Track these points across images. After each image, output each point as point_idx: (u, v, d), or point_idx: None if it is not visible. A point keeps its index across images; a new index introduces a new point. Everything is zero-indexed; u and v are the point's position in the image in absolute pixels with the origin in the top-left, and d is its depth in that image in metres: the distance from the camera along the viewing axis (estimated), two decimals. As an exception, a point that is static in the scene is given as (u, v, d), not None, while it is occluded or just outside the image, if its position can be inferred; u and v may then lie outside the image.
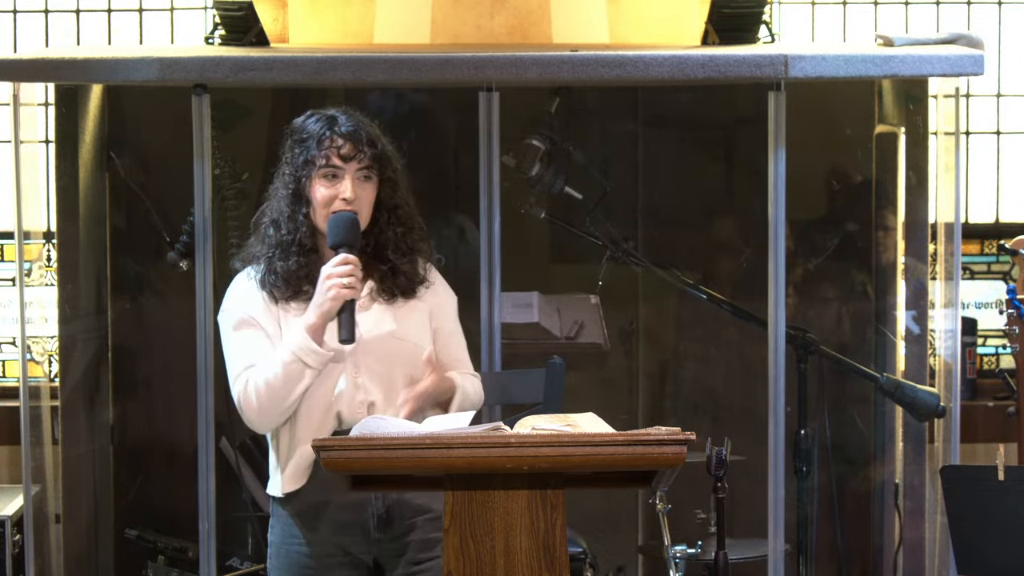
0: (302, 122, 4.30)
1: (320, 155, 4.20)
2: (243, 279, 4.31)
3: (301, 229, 4.22)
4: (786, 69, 5.19)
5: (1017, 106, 6.64)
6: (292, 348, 4.15)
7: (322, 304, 4.14)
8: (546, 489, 3.75)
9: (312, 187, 4.22)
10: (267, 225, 4.27)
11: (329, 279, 4.13)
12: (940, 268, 5.76)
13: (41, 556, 5.68)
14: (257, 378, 4.17)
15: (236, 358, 4.23)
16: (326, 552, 4.26)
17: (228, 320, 4.26)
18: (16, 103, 5.42)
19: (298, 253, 4.22)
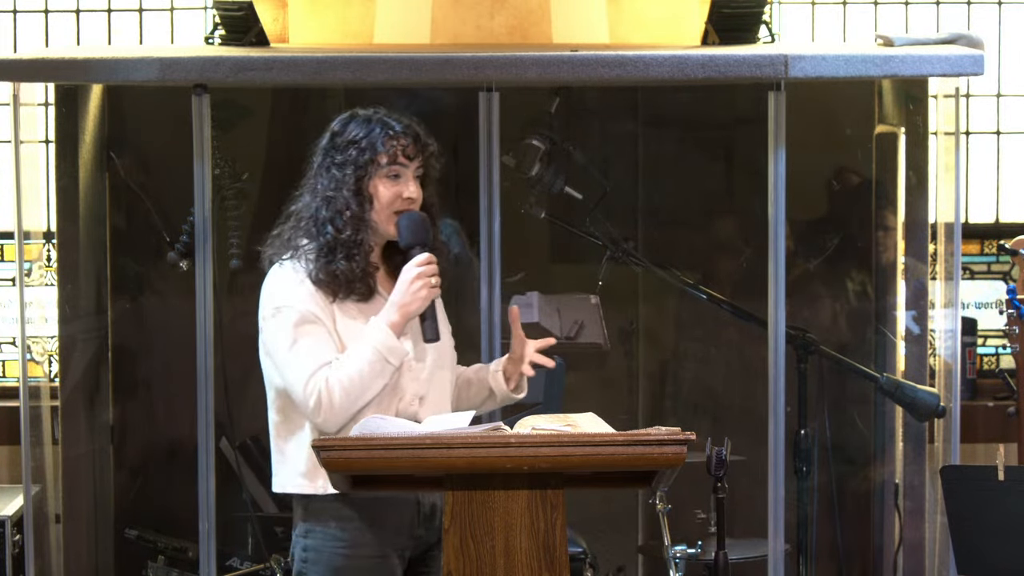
0: (349, 122, 4.24)
1: (385, 154, 4.19)
2: (289, 274, 4.19)
3: (366, 229, 4.20)
4: (786, 69, 5.19)
5: (1017, 106, 6.65)
6: (376, 346, 4.11)
7: (409, 303, 4.13)
8: (546, 489, 3.75)
9: (375, 186, 4.20)
10: (322, 222, 4.18)
11: (419, 279, 4.13)
12: (940, 268, 5.76)
13: (41, 556, 5.68)
14: (338, 376, 4.08)
15: (306, 356, 4.11)
16: (374, 553, 4.19)
17: (288, 317, 4.13)
18: (16, 103, 5.42)
19: (359, 253, 4.18)
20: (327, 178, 4.21)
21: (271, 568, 5.51)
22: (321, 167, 4.24)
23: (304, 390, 4.08)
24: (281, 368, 4.14)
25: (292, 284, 4.16)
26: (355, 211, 4.17)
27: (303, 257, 4.19)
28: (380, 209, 4.20)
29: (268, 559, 5.54)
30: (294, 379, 4.10)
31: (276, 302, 4.15)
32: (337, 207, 4.18)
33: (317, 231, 4.19)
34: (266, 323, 4.16)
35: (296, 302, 4.14)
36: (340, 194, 4.18)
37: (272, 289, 4.20)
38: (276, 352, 4.15)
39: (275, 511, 5.94)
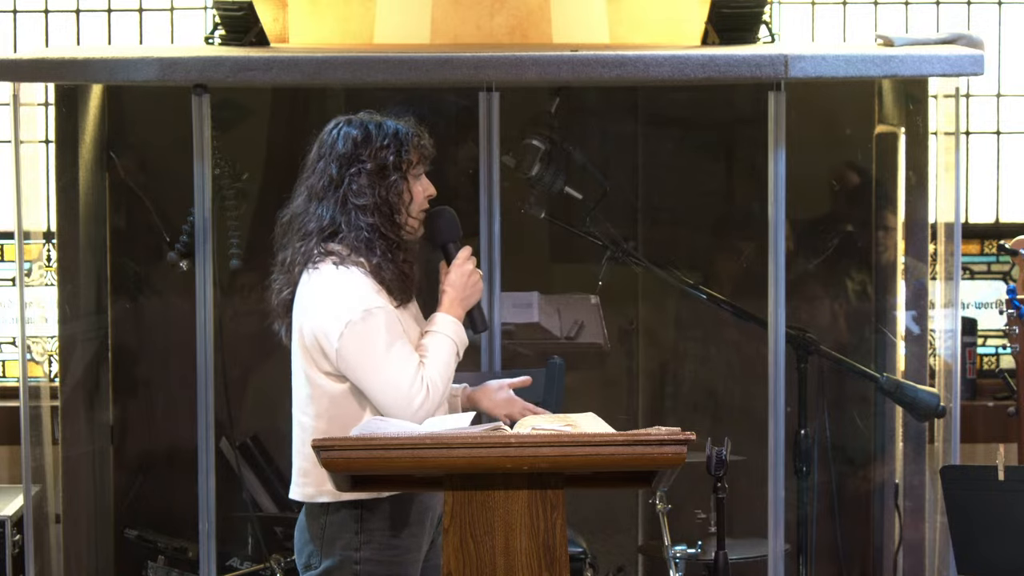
0: (366, 127, 4.21)
1: (417, 154, 4.21)
2: (361, 277, 4.13)
3: (411, 230, 4.22)
4: (786, 69, 5.19)
5: (1017, 106, 6.65)
6: (454, 339, 4.18)
7: (468, 297, 4.23)
8: (546, 489, 3.75)
9: (410, 187, 4.21)
10: (371, 227, 4.15)
11: (474, 274, 4.24)
12: (940, 268, 5.76)
13: (41, 556, 5.68)
14: (435, 371, 4.11)
15: (406, 356, 4.09)
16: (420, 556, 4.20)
17: (380, 320, 4.08)
18: (16, 103, 5.42)
19: (412, 255, 4.21)
20: (364, 184, 4.17)
21: (271, 568, 5.51)
22: (348, 175, 4.18)
23: (410, 389, 4.06)
24: (377, 370, 4.08)
25: (369, 288, 4.13)
26: (403, 213, 4.19)
27: (358, 263, 4.15)
28: (414, 209, 4.22)
29: (268, 559, 5.54)
30: (398, 379, 4.07)
31: (363, 305, 4.08)
32: (384, 212, 4.16)
33: (370, 237, 4.15)
34: (352, 328, 4.07)
35: (382, 303, 4.12)
36: (387, 198, 4.17)
37: (348, 293, 4.12)
38: (370, 355, 4.08)
39: (275, 511, 5.94)
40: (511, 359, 5.70)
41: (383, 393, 4.08)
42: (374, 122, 4.22)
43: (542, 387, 5.52)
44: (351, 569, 4.11)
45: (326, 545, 4.14)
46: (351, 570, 4.11)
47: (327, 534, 4.13)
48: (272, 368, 6.17)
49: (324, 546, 4.14)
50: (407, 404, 4.06)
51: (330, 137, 4.22)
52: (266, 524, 5.83)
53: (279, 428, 6.13)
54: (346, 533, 4.12)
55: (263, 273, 6.14)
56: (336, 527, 4.12)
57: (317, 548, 4.14)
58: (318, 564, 4.14)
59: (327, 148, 4.21)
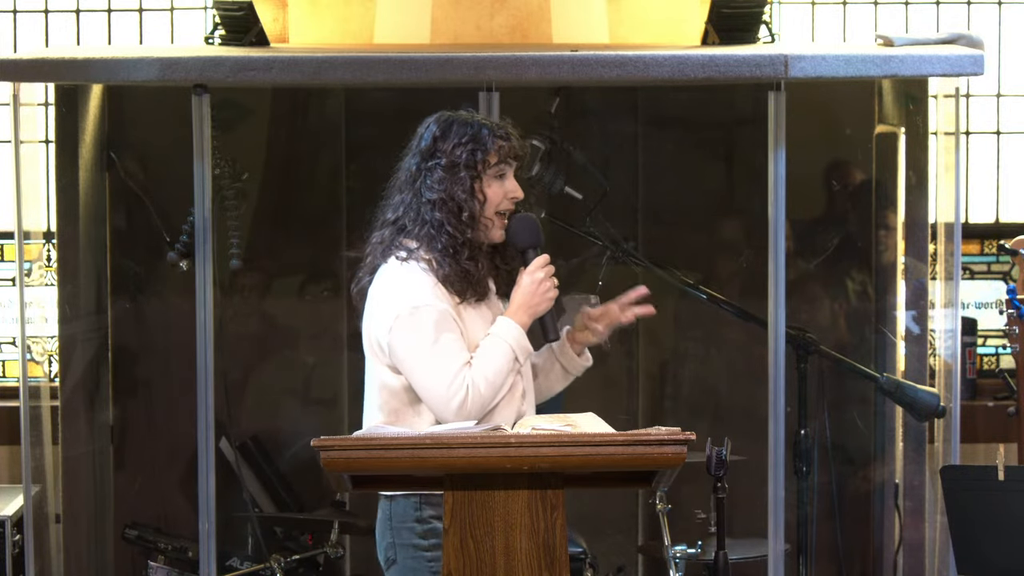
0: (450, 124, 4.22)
1: (495, 154, 4.20)
2: (418, 273, 4.15)
3: (480, 229, 4.21)
4: (786, 69, 5.19)
5: (1017, 106, 6.65)
6: (512, 344, 4.15)
7: (538, 304, 4.20)
8: (546, 489, 3.75)
9: (485, 186, 4.20)
10: (437, 224, 4.16)
11: (547, 280, 4.21)
12: (940, 268, 5.76)
13: (41, 556, 5.68)
14: (482, 373, 4.10)
15: (450, 354, 4.09)
16: None
17: (428, 316, 4.09)
18: (16, 103, 5.42)
19: (480, 253, 4.20)
20: (435, 179, 4.18)
21: (271, 568, 5.51)
22: (424, 169, 4.20)
23: (449, 388, 4.06)
24: (420, 366, 4.10)
25: (424, 283, 4.13)
26: (472, 211, 4.18)
27: (423, 259, 4.16)
28: (488, 208, 4.21)
29: (268, 559, 5.54)
30: (438, 377, 4.08)
31: (413, 301, 4.10)
32: (451, 208, 4.17)
33: (434, 233, 4.16)
34: (400, 322, 4.10)
35: (433, 300, 4.11)
36: (454, 195, 4.17)
37: (402, 288, 4.14)
38: (415, 350, 4.10)
39: (275, 511, 5.94)
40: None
41: (424, 390, 4.10)
42: (460, 119, 4.23)
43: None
44: (423, 557, 4.15)
45: (396, 537, 4.18)
46: (423, 558, 4.15)
47: (394, 526, 4.18)
48: (272, 368, 6.18)
49: (395, 538, 4.18)
50: (446, 403, 4.07)
51: (419, 132, 4.27)
52: (266, 524, 5.83)
53: (279, 428, 6.14)
54: (410, 523, 4.16)
55: (263, 273, 6.19)
56: (400, 519, 4.16)
57: (392, 541, 4.18)
58: (394, 556, 4.18)
59: (414, 142, 4.26)
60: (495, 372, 4.12)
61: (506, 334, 4.17)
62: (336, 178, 6.17)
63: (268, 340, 6.19)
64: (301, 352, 6.19)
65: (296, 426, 6.11)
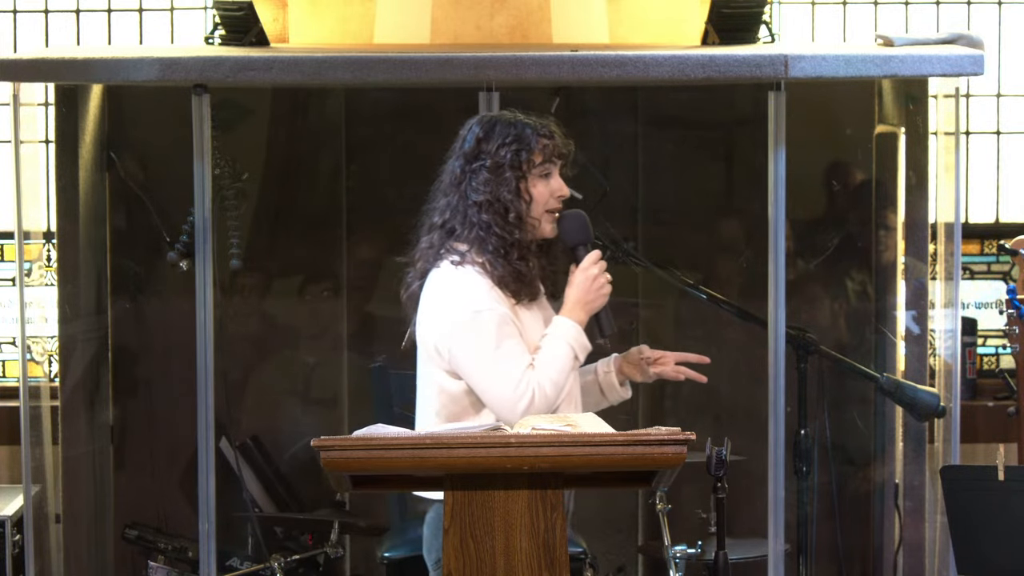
0: (493, 125, 4.22)
1: (539, 153, 4.20)
2: (475, 277, 4.14)
3: (528, 229, 4.21)
4: (786, 69, 5.19)
5: (1017, 106, 6.65)
6: (571, 343, 4.16)
7: (593, 300, 4.21)
8: (546, 489, 3.75)
9: (531, 186, 4.20)
10: (484, 225, 4.16)
11: (599, 277, 4.22)
12: (940, 268, 5.76)
13: (41, 556, 5.68)
14: (546, 374, 4.10)
15: (514, 357, 4.09)
16: None
17: (490, 319, 4.09)
18: (16, 103, 5.42)
19: (530, 253, 4.20)
20: (481, 181, 4.18)
21: (271, 568, 5.51)
22: (469, 171, 4.20)
23: (515, 391, 4.06)
24: (483, 371, 4.09)
25: (481, 287, 4.13)
26: (519, 212, 4.17)
27: (476, 261, 4.15)
28: (535, 208, 4.20)
29: (268, 559, 5.54)
30: (503, 381, 4.07)
31: (473, 305, 4.10)
32: (498, 209, 4.16)
33: (483, 235, 4.15)
34: (461, 327, 4.09)
35: (494, 304, 4.11)
36: (500, 196, 4.17)
37: (460, 292, 4.13)
38: (478, 355, 4.09)
39: (275, 511, 5.94)
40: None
41: (489, 394, 4.09)
42: (503, 120, 4.23)
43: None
44: None
45: None
46: None
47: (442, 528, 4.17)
48: (272, 368, 6.18)
49: None
50: (512, 407, 4.06)
51: (462, 134, 4.26)
52: (266, 524, 5.83)
53: (279, 428, 6.14)
54: None
55: (263, 273, 6.19)
56: None
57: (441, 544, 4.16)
58: None
59: (457, 145, 4.26)
60: (558, 372, 4.12)
61: (565, 333, 4.17)
62: (336, 178, 6.17)
63: (268, 340, 6.19)
64: (301, 352, 6.19)
65: (296, 426, 6.11)
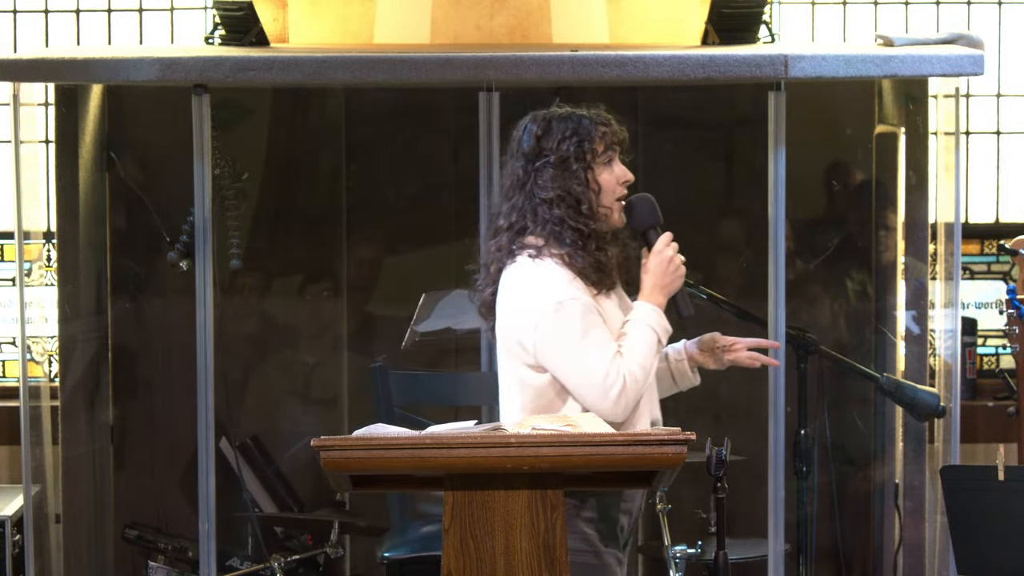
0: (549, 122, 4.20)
1: (601, 142, 4.20)
2: (554, 268, 4.12)
3: (603, 219, 4.20)
4: (786, 69, 5.19)
5: (1017, 106, 6.64)
6: (655, 328, 4.15)
7: (670, 283, 4.23)
8: (546, 489, 3.75)
9: (598, 175, 4.20)
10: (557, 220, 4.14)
11: (674, 260, 4.25)
12: (940, 268, 5.76)
13: (41, 556, 5.68)
14: (636, 361, 4.08)
15: (601, 346, 4.07)
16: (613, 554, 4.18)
17: (574, 309, 4.07)
18: (16, 103, 5.42)
19: (605, 242, 4.19)
20: (548, 178, 4.16)
21: (271, 568, 5.51)
22: (532, 171, 4.18)
23: (606, 379, 4.04)
24: (572, 361, 4.07)
25: (562, 278, 4.11)
26: (591, 202, 4.17)
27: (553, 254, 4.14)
28: (605, 197, 4.21)
29: (268, 559, 5.54)
30: (592, 370, 4.05)
31: (556, 296, 4.08)
32: (570, 203, 4.15)
33: (558, 229, 4.14)
34: (546, 319, 4.07)
35: (577, 293, 4.09)
36: (570, 189, 4.16)
37: (542, 284, 4.11)
38: (565, 346, 4.07)
39: (275, 511, 5.94)
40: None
41: (579, 385, 4.07)
42: (557, 115, 4.21)
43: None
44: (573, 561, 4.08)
45: None
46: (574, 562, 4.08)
47: None
48: (272, 368, 6.18)
49: None
50: (603, 395, 4.05)
51: (517, 134, 4.25)
52: (266, 524, 5.83)
53: (279, 428, 6.14)
54: None
55: (263, 273, 6.19)
56: None
57: None
58: None
59: (514, 146, 4.24)
60: (645, 356, 4.11)
61: (647, 317, 4.16)
62: (336, 178, 6.17)
63: (268, 340, 6.19)
64: (301, 352, 6.19)
65: (296, 426, 6.11)
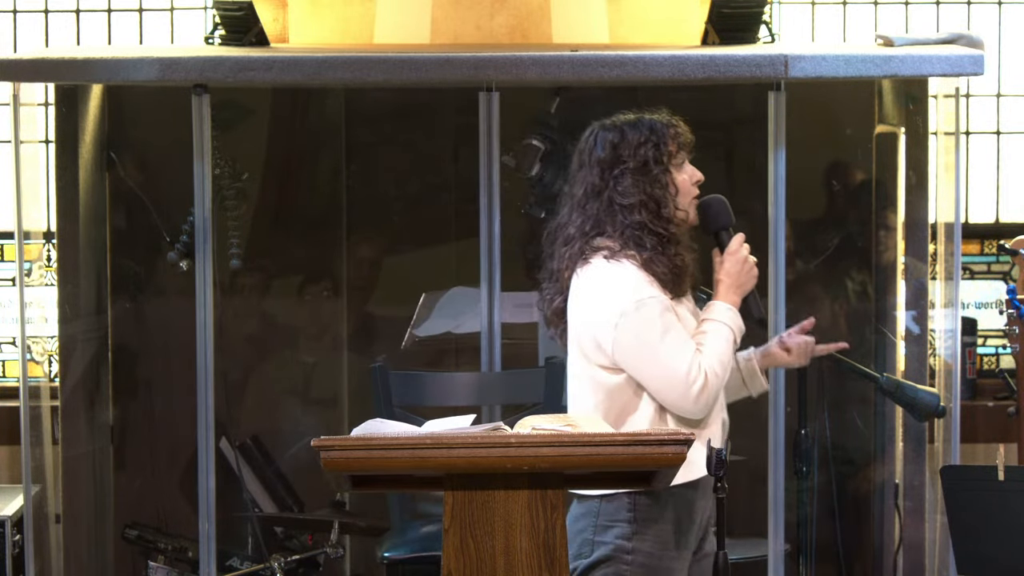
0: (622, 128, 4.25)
1: (675, 145, 4.24)
2: (633, 269, 4.14)
3: (683, 221, 4.24)
4: (786, 69, 5.19)
5: (1017, 106, 6.64)
6: (732, 327, 4.20)
7: (745, 284, 4.27)
8: (546, 489, 3.75)
9: (674, 178, 4.23)
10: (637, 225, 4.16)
11: (748, 260, 4.29)
12: (940, 268, 5.75)
13: (41, 556, 5.68)
14: (711, 359, 4.12)
15: (681, 344, 4.10)
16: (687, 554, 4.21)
17: (654, 308, 4.10)
18: (16, 103, 5.42)
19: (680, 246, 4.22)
20: (628, 184, 4.19)
21: (271, 568, 5.51)
22: (610, 178, 4.20)
23: (688, 376, 4.08)
24: (653, 358, 4.10)
25: (641, 278, 4.14)
26: (671, 205, 4.21)
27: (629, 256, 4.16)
28: (683, 198, 4.24)
29: (268, 559, 5.54)
30: (674, 367, 4.08)
31: (636, 295, 4.11)
32: (651, 207, 4.18)
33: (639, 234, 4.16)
34: (627, 318, 4.09)
35: (655, 291, 4.13)
36: (652, 194, 4.18)
37: (620, 283, 4.13)
38: (646, 344, 4.10)
39: (275, 511, 5.94)
40: (511, 359, 5.69)
41: (661, 383, 4.10)
42: (628, 121, 4.26)
43: (542, 387, 5.52)
44: (622, 560, 4.14)
45: (599, 534, 4.15)
46: (622, 560, 4.14)
47: (600, 523, 4.15)
48: (272, 368, 6.18)
49: (597, 535, 4.15)
50: (685, 392, 4.08)
51: (587, 144, 4.28)
52: (266, 524, 5.83)
53: (279, 428, 6.14)
54: (619, 523, 4.14)
55: (263, 273, 6.19)
56: (609, 516, 4.15)
57: (589, 537, 4.16)
58: (589, 553, 4.16)
59: (586, 155, 4.26)
60: (724, 353, 4.16)
61: (723, 316, 4.20)
62: (336, 178, 6.17)
63: (268, 340, 6.18)
64: (301, 352, 6.19)
65: (296, 426, 6.11)
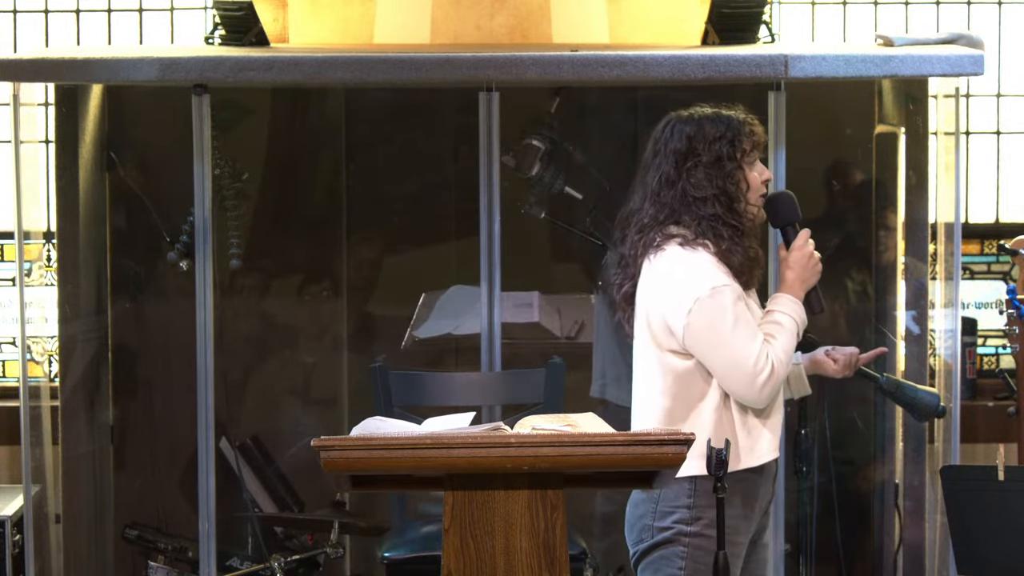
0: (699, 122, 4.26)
1: (749, 142, 4.25)
2: (707, 256, 4.18)
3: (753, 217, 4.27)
4: (786, 69, 5.19)
5: (1017, 106, 6.64)
6: (797, 319, 4.24)
7: (809, 279, 4.30)
8: (546, 489, 3.75)
9: (746, 175, 4.25)
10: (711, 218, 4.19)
11: (813, 256, 4.31)
12: (940, 268, 5.76)
13: (41, 556, 5.68)
14: (778, 349, 4.16)
15: (751, 332, 4.14)
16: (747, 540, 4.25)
17: (727, 296, 4.13)
18: (16, 103, 5.42)
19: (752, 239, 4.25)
20: (702, 177, 4.22)
21: (271, 568, 5.51)
22: (684, 170, 4.22)
23: (756, 364, 4.11)
24: (724, 345, 4.13)
25: (715, 266, 4.17)
26: (743, 200, 4.23)
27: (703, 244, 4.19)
28: (753, 195, 4.27)
29: (268, 559, 5.54)
30: (743, 355, 4.12)
31: (711, 281, 4.14)
32: (723, 201, 4.21)
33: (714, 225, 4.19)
34: (701, 303, 4.13)
35: (729, 280, 4.17)
36: (725, 188, 4.21)
37: (696, 270, 4.17)
38: (718, 330, 4.13)
39: (275, 511, 5.94)
40: (511, 359, 5.70)
41: (729, 370, 4.14)
42: (705, 115, 4.27)
43: (542, 387, 5.52)
44: (681, 543, 4.18)
45: (659, 519, 4.19)
46: (681, 543, 4.18)
47: (660, 508, 4.19)
48: (272, 368, 6.18)
49: (656, 520, 4.19)
50: (752, 381, 4.12)
51: (663, 135, 4.29)
52: (266, 524, 5.83)
53: (279, 428, 6.14)
54: (680, 508, 4.17)
55: (263, 273, 6.19)
56: (670, 502, 4.18)
57: (649, 523, 4.20)
58: (649, 537, 4.20)
59: (662, 145, 4.28)
60: (789, 344, 4.20)
61: (788, 309, 4.24)
62: (336, 178, 6.17)
63: (268, 340, 6.19)
64: (301, 352, 6.19)
65: (296, 426, 6.11)
